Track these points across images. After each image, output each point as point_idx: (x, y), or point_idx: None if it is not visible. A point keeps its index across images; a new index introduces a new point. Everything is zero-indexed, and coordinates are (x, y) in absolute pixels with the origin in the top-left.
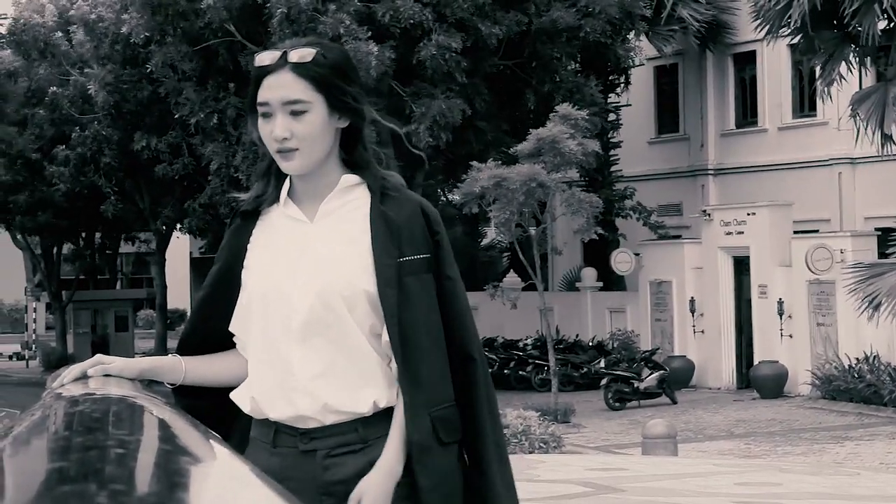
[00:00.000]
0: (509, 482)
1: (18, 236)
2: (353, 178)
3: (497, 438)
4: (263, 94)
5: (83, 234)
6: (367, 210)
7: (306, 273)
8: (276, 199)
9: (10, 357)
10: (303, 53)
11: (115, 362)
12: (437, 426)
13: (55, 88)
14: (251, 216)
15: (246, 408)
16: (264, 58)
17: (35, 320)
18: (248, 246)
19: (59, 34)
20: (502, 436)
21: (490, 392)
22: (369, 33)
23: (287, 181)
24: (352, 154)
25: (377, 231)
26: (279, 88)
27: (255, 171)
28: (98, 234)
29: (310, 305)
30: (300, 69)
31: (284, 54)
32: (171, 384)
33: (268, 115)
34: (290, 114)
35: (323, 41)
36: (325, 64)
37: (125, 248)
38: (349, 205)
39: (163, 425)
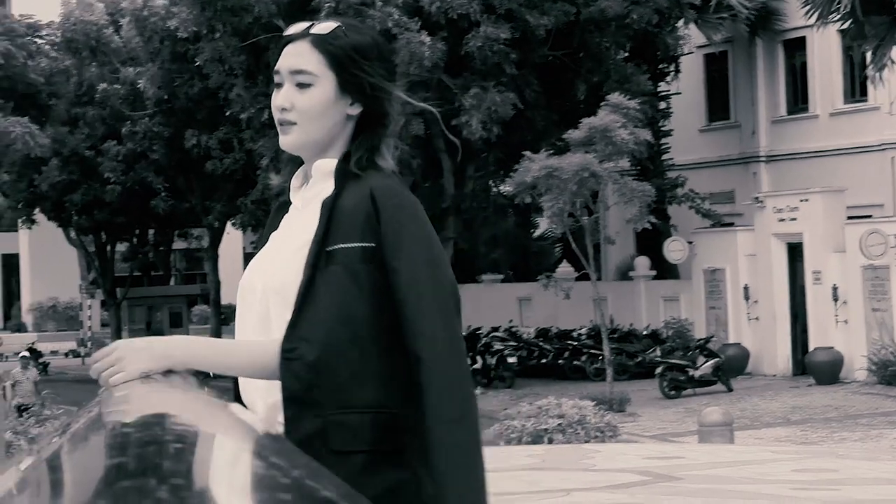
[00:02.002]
0: (465, 493)
1: (72, 234)
2: (330, 164)
3: (459, 442)
4: (278, 63)
5: (137, 232)
6: None
7: (271, 266)
8: (299, 186)
9: (66, 354)
10: (324, 26)
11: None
12: (329, 431)
13: (105, 85)
14: (285, 205)
15: None
16: (291, 28)
17: (90, 318)
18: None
19: (110, 31)
20: (467, 440)
21: (451, 392)
22: (419, 25)
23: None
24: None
25: (321, 219)
26: (291, 56)
27: (282, 158)
28: (151, 232)
29: (259, 300)
30: (317, 40)
31: (311, 26)
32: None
33: (279, 85)
34: (297, 85)
35: (357, 23)
36: (343, 39)
37: (178, 244)
38: (326, 191)
39: (219, 420)
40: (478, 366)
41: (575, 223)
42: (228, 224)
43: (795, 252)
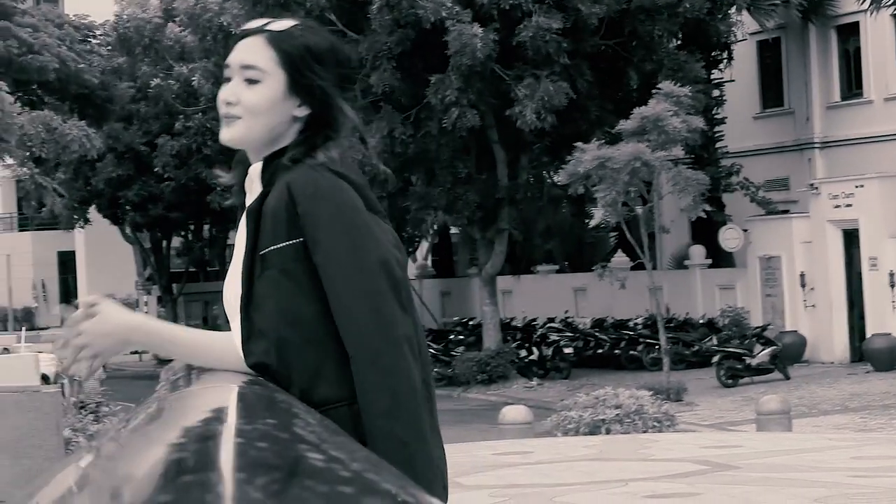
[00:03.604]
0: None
1: (128, 231)
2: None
3: (394, 435)
4: (229, 56)
5: (192, 227)
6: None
7: (229, 276)
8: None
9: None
10: (281, 23)
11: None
12: None
13: (158, 80)
14: (243, 207)
15: None
16: (249, 23)
17: (147, 314)
18: None
19: (162, 29)
20: (404, 432)
21: (381, 385)
22: (471, 16)
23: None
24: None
25: (248, 226)
26: (243, 51)
27: (234, 159)
28: (207, 226)
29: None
30: (271, 37)
31: (268, 23)
32: None
33: (228, 78)
34: (245, 80)
35: (317, 25)
36: (299, 39)
37: (233, 239)
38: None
39: (281, 413)
40: (534, 356)
41: (629, 213)
42: None
43: (851, 238)
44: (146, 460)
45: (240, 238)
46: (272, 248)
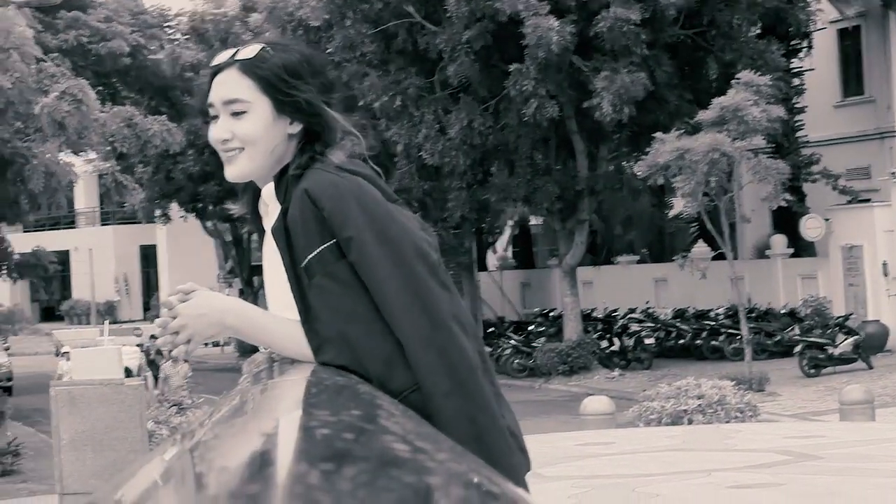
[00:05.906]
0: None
1: (209, 224)
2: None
3: (460, 413)
4: (210, 95)
5: None
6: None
7: (269, 302)
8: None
9: (206, 343)
10: (249, 50)
11: None
12: None
13: None
14: (261, 231)
15: None
16: (217, 56)
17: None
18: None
19: (240, 23)
20: (468, 409)
21: (437, 366)
22: (548, 8)
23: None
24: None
25: (279, 247)
26: (221, 87)
27: (238, 188)
28: None
29: None
30: (244, 66)
31: (236, 52)
32: None
33: (215, 117)
34: (232, 115)
35: (283, 41)
36: (270, 61)
37: None
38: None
39: (365, 404)
40: (615, 347)
41: (710, 203)
42: None
43: None
44: (232, 452)
45: (269, 262)
46: (311, 256)
